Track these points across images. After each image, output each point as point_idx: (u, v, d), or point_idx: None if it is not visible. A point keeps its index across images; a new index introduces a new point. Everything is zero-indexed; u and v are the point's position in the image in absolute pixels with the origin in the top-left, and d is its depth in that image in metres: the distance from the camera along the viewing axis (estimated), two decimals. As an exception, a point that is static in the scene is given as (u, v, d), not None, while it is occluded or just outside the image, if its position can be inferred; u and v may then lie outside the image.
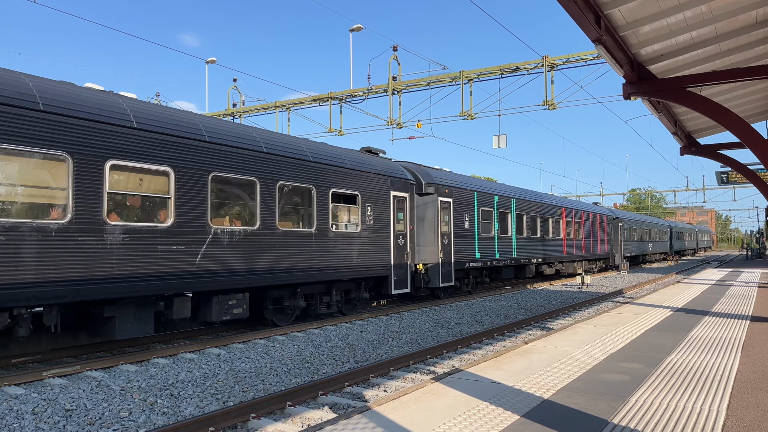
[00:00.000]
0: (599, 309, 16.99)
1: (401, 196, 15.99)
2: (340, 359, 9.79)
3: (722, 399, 4.81)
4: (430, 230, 17.14)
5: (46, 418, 6.48)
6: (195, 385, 7.93)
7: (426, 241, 17.09)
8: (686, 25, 8.57)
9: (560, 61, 22.24)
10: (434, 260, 17.05)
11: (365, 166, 14.81)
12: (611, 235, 36.35)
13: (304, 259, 12.48)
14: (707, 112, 9.42)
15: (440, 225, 17.25)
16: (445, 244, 17.48)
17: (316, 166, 13.04)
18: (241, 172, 11.22)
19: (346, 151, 14.66)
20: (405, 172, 16.65)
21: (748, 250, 52.13)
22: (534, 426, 4.11)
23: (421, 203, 17.22)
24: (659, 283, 26.82)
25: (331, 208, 13.37)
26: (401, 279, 15.66)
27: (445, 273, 17.47)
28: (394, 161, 17.71)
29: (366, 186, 14.59)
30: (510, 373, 5.80)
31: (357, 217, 14.23)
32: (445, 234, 17.55)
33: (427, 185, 17.30)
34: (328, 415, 6.76)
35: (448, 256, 17.67)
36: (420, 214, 17.10)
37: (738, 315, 10.13)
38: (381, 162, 15.66)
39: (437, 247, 17.08)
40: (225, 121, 12.01)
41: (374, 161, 15.46)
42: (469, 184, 19.91)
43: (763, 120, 16.21)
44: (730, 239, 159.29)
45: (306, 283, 12.98)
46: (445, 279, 17.39)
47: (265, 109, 29.82)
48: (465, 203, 19.16)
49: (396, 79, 25.09)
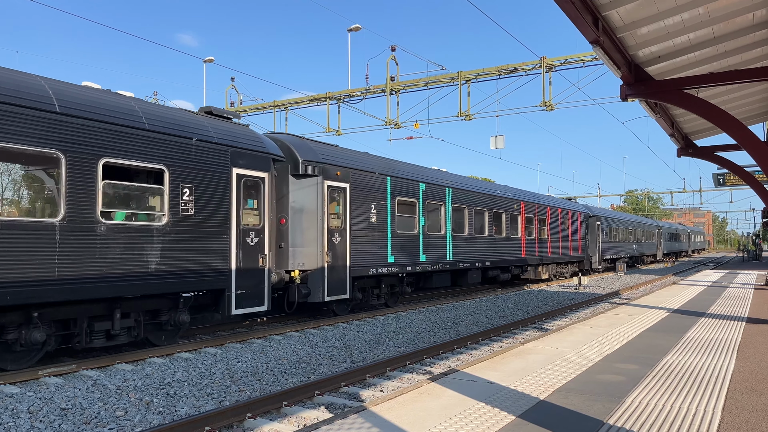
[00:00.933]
0: (596, 310, 17.01)
1: (254, 177, 11.43)
2: (337, 359, 9.79)
3: (717, 400, 4.82)
4: (311, 225, 13.09)
5: (42, 417, 6.46)
6: (191, 385, 7.92)
7: (304, 239, 13.05)
8: (684, 27, 8.59)
9: (558, 63, 22.27)
10: (317, 265, 12.99)
11: (181, 129, 10.13)
12: (587, 235, 32.16)
13: (40, 266, 7.98)
14: (704, 114, 9.44)
15: (327, 218, 13.24)
16: (336, 243, 13.43)
17: (70, 123, 8.48)
18: None
19: (143, 105, 9.95)
20: (261, 142, 11.90)
21: (745, 252, 52.22)
22: (530, 426, 4.11)
23: (298, 188, 13.13)
24: (656, 284, 26.87)
25: (102, 187, 8.87)
26: (252, 292, 11.16)
27: (335, 282, 13.35)
28: (268, 134, 13.82)
29: (181, 158, 10.05)
30: (506, 373, 5.80)
31: (161, 203, 9.81)
32: (336, 230, 13.54)
33: (306, 164, 12.98)
34: (324, 414, 6.75)
35: (340, 260, 13.61)
36: (296, 203, 13.11)
37: (734, 317, 10.16)
38: (214, 126, 10.95)
39: (321, 248, 13.04)
40: None
41: (199, 123, 10.62)
42: (378, 166, 15.56)
43: (760, 122, 16.27)
44: (727, 241, 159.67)
45: (50, 304, 8.47)
46: (334, 290, 13.30)
47: (263, 108, 29.81)
48: (371, 191, 14.91)
49: (394, 80, 25.10)
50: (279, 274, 12.62)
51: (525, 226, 23.98)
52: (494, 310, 16.64)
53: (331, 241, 13.36)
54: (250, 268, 11.29)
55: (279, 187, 13.05)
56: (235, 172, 11.11)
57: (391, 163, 16.51)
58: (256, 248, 11.46)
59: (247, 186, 11.38)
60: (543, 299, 19.98)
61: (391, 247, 15.50)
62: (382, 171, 15.60)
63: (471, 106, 24.24)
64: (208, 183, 10.58)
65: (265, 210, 11.72)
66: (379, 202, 15.21)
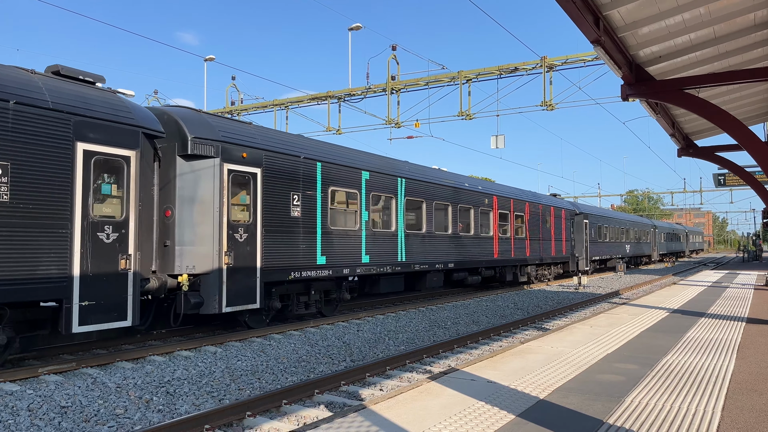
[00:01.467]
0: (596, 310, 17.02)
1: (113, 155, 9.08)
2: (337, 358, 9.79)
3: (717, 400, 4.82)
4: (205, 218, 10.61)
5: (42, 415, 6.46)
6: (191, 383, 7.92)
7: (196, 236, 10.55)
8: (685, 27, 8.59)
9: (559, 62, 22.26)
10: (211, 267, 10.52)
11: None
12: (573, 234, 29.55)
13: None
14: (705, 114, 9.44)
15: (227, 210, 10.77)
16: (241, 241, 10.96)
17: None
18: None
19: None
20: (128, 111, 9.48)
21: (745, 252, 52.22)
22: (529, 426, 4.11)
23: (188, 172, 10.62)
24: (655, 284, 26.87)
25: None
26: (106, 304, 8.82)
27: (239, 288, 10.86)
28: (160, 107, 11.58)
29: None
30: (506, 372, 5.81)
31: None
32: (242, 225, 11.07)
33: (197, 142, 10.43)
34: (323, 413, 6.76)
35: (247, 261, 11.09)
36: (185, 191, 10.60)
37: (734, 317, 10.16)
38: (51, 87, 8.56)
39: (218, 247, 10.55)
40: None
41: (24, 82, 8.23)
42: (305, 149, 12.89)
43: (761, 122, 16.26)
44: (727, 241, 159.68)
45: None
46: (236, 298, 10.81)
47: (264, 107, 29.81)
48: (293, 178, 12.38)
49: (395, 79, 25.10)
50: (160, 279, 10.07)
51: (498, 224, 21.61)
52: (494, 310, 16.64)
53: (234, 238, 10.85)
54: (105, 272, 8.85)
55: (164, 172, 10.59)
56: (81, 148, 8.65)
57: (323, 147, 13.88)
58: (114, 247, 9.00)
59: (100, 166, 8.98)
60: (543, 299, 19.98)
61: (321, 247, 13.04)
62: (310, 155, 12.96)
63: (472, 105, 24.23)
64: (35, 161, 8.11)
65: (130, 198, 9.28)
66: (305, 193, 12.65)
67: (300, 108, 28.98)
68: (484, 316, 15.37)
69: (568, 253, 28.69)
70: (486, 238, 20.63)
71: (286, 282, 12.40)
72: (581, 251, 30.21)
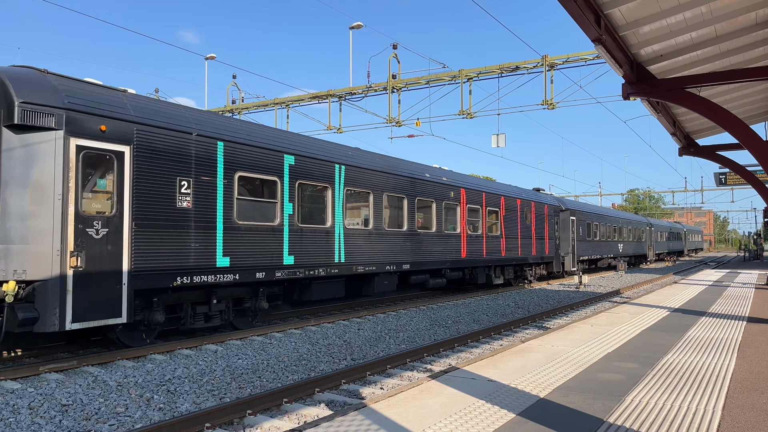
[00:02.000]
0: (596, 309, 17.01)
1: None
2: (337, 357, 9.80)
3: (718, 399, 4.82)
4: (41, 207, 8.25)
5: (43, 413, 6.47)
6: (192, 382, 7.93)
7: (28, 231, 8.18)
8: (686, 26, 8.59)
9: (560, 61, 22.25)
10: (50, 271, 8.15)
11: None
12: (558, 232, 27.34)
13: None
14: (706, 113, 9.44)
15: (77, 198, 8.50)
16: (98, 239, 8.65)
17: None
18: None
19: None
20: None
21: (746, 252, 52.18)
22: (529, 424, 4.11)
23: (17, 146, 8.26)
24: (656, 283, 26.87)
25: None
26: None
27: (95, 299, 8.55)
28: None
29: None
30: (506, 371, 5.81)
31: None
32: (100, 218, 8.75)
33: (28, 108, 8.18)
34: (324, 412, 6.76)
35: (107, 264, 8.75)
36: (12, 171, 8.21)
37: (735, 316, 10.15)
38: None
39: (60, 245, 8.24)
40: None
41: None
42: (199, 125, 10.40)
43: (762, 121, 16.25)
44: (728, 240, 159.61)
45: None
46: (89, 312, 8.45)
47: (265, 106, 29.80)
48: (182, 160, 9.94)
49: (395, 77, 25.09)
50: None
51: (468, 220, 19.22)
52: (495, 309, 16.65)
53: (86, 234, 8.50)
54: None
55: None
56: None
57: (229, 123, 11.26)
58: None
59: None
60: (544, 298, 19.98)
61: (223, 245, 10.58)
62: (208, 132, 10.45)
63: (473, 104, 24.23)
64: None
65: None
66: (199, 179, 10.18)
67: (301, 107, 28.99)
68: (485, 315, 15.38)
69: (552, 253, 26.36)
70: (451, 236, 18.31)
71: (172, 289, 10.01)
72: (567, 250, 28.06)
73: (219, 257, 10.55)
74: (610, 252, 36.34)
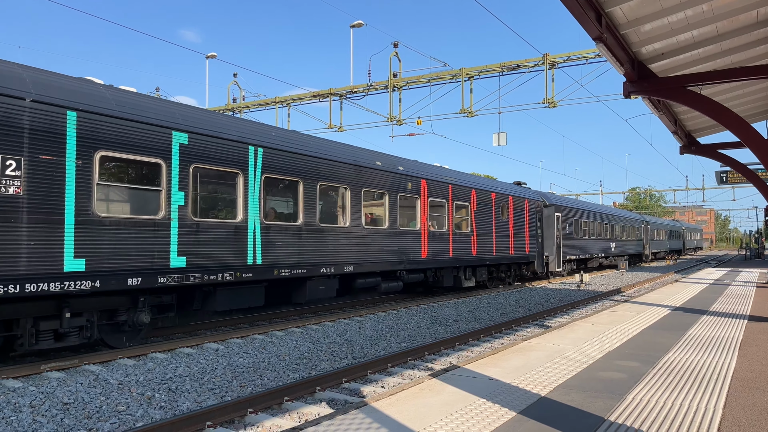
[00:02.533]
0: (597, 307, 17.01)
1: None
2: (338, 355, 9.81)
3: (719, 397, 4.82)
4: None
5: (44, 411, 6.48)
6: (193, 380, 7.94)
7: None
8: (687, 24, 8.57)
9: (561, 59, 22.23)
10: None
11: None
12: (541, 230, 25.02)
13: None
14: (707, 111, 9.43)
15: None
16: None
17: None
18: None
19: None
20: None
21: (747, 250, 52.16)
22: (530, 423, 4.12)
23: None
24: (657, 282, 26.86)
25: None
26: None
27: None
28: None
29: None
30: (507, 370, 5.81)
31: None
32: None
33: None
34: (325, 410, 6.77)
35: None
36: None
37: (736, 314, 10.15)
38: None
39: None
40: None
41: None
42: (37, 85, 8.15)
43: (763, 120, 16.23)
44: (729, 239, 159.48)
45: None
46: None
47: (266, 104, 29.81)
48: (7, 131, 7.66)
49: (396, 76, 25.08)
50: None
51: (429, 215, 16.98)
52: (496, 307, 16.65)
53: None
54: None
55: None
56: None
57: (85, 88, 8.90)
58: None
59: None
60: (545, 296, 19.98)
61: (75, 243, 8.35)
62: (52, 99, 8.22)
63: (473, 102, 24.21)
64: None
65: None
66: (35, 158, 7.93)
67: (302, 105, 29.00)
68: (486, 314, 15.38)
69: (533, 252, 24.00)
70: (409, 234, 16.01)
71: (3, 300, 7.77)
72: (552, 249, 25.71)
73: (69, 259, 8.28)
74: (601, 251, 33.89)
